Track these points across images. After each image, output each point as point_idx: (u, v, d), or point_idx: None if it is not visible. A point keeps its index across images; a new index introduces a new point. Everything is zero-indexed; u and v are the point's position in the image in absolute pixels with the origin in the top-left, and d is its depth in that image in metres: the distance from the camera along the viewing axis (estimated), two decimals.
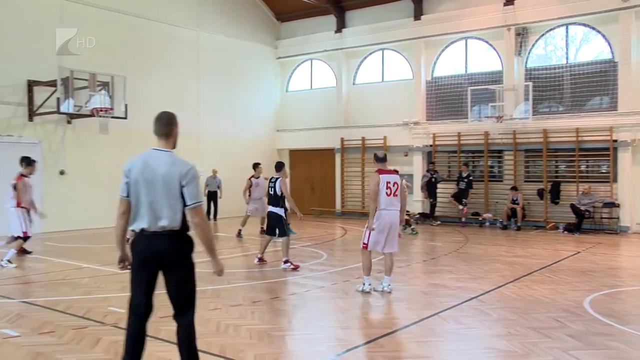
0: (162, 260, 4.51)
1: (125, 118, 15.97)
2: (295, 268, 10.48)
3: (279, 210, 10.79)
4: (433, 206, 19.21)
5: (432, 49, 20.46)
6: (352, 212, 21.75)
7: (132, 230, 4.58)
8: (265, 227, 15.67)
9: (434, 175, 19.10)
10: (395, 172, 8.75)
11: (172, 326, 6.62)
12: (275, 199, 10.79)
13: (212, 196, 19.77)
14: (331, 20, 22.66)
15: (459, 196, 18.58)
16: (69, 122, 16.86)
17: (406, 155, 20.40)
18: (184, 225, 4.55)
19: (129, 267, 4.63)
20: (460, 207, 18.50)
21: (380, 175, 8.40)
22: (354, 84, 22.57)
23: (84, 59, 16.44)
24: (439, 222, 19.01)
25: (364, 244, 8.52)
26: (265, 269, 10.70)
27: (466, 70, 19.88)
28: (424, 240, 15.35)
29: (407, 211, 19.19)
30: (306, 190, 22.91)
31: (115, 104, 15.59)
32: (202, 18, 21.02)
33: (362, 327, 6.95)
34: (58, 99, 14.83)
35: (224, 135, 21.37)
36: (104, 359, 5.57)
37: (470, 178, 18.66)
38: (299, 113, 23.58)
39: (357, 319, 7.35)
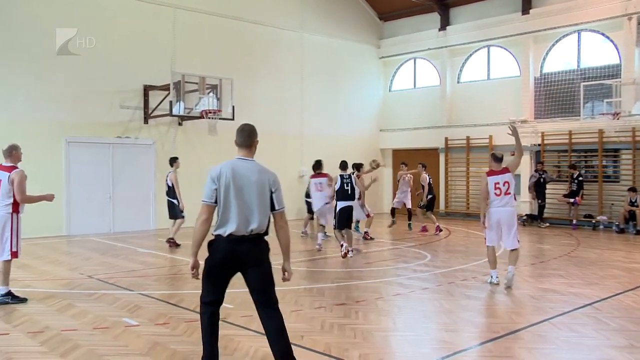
0: (245, 262, 4.78)
1: (232, 119, 16.50)
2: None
3: (354, 204, 12.12)
4: (541, 207, 18.40)
5: (542, 44, 19.61)
6: (457, 212, 21.28)
7: (218, 235, 4.78)
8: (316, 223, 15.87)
9: (543, 176, 18.29)
10: (507, 170, 9.04)
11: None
12: (352, 194, 11.92)
13: None
14: (435, 18, 22.29)
15: (572, 197, 17.68)
16: (180, 124, 17.69)
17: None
18: (267, 229, 4.85)
19: (197, 275, 4.92)
20: (572, 200, 17.53)
21: (488, 178, 8.95)
22: (458, 82, 22.07)
23: (194, 63, 17.27)
24: (547, 224, 18.18)
25: (485, 238, 9.24)
26: (368, 269, 10.69)
27: (578, 65, 18.87)
28: (532, 243, 14.74)
29: None
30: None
31: (223, 106, 16.15)
32: (306, 20, 21.35)
33: (467, 330, 6.76)
34: (170, 102, 15.58)
35: (327, 135, 21.57)
36: None
37: (581, 178, 17.70)
38: (402, 112, 23.37)
39: (462, 321, 7.15)
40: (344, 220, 11.85)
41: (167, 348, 5.86)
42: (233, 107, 16.36)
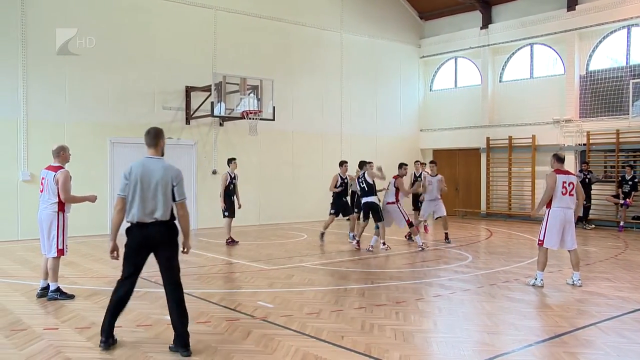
0: (154, 243, 5.76)
1: (272, 120, 16.61)
2: (388, 248, 12.70)
3: (376, 199, 12.88)
4: (587, 209, 17.94)
5: (588, 40, 19.13)
6: (498, 213, 20.95)
7: (130, 221, 5.73)
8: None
9: (588, 176, 17.83)
10: (571, 172, 9.26)
11: (319, 323, 6.80)
12: (370, 191, 12.82)
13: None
14: (476, 16, 22.00)
15: (623, 198, 17.16)
16: (221, 125, 17.88)
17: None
18: (172, 216, 5.79)
19: (117, 257, 5.93)
20: (622, 201, 17.00)
21: (558, 175, 9.00)
22: (500, 81, 21.72)
23: (235, 64, 17.46)
24: (593, 226, 17.74)
25: (539, 240, 9.15)
26: (409, 270, 10.61)
27: (627, 62, 18.30)
28: (577, 245, 14.34)
29: None
30: (450, 190, 22.32)
31: (263, 107, 16.25)
32: (346, 20, 21.33)
33: (509, 333, 6.63)
34: (212, 103, 15.76)
35: (367, 135, 21.52)
36: (255, 350, 5.82)
37: (636, 180, 17.17)
38: (443, 112, 23.14)
39: (504, 324, 7.03)
40: (367, 213, 12.98)
41: (209, 346, 5.92)
42: (274, 107, 16.45)
